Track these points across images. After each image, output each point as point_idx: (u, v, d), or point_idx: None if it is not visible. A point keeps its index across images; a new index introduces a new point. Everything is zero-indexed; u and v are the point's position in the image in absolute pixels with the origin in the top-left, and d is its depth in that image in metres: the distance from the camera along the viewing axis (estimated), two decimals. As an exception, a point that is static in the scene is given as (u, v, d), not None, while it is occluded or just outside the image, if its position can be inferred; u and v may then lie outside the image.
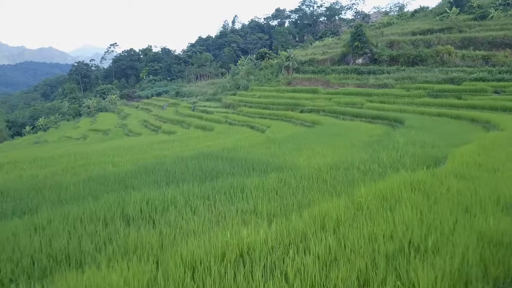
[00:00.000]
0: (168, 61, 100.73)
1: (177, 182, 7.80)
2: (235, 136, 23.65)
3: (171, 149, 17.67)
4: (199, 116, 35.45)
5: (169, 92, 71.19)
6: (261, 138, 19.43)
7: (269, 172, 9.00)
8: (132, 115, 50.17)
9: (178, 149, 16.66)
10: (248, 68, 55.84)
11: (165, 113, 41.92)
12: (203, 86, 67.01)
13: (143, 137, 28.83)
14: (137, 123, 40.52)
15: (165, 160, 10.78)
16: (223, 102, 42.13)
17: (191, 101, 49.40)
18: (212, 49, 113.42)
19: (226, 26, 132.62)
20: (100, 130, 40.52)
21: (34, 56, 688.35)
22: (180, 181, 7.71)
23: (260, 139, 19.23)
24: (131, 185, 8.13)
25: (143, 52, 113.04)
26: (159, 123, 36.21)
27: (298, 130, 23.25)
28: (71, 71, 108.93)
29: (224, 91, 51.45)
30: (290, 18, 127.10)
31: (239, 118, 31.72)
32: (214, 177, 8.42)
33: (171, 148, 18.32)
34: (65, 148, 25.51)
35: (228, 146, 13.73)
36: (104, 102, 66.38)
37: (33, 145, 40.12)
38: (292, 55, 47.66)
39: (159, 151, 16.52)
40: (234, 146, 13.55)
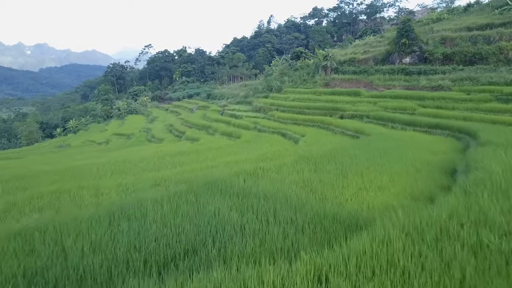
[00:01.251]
0: (202, 62, 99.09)
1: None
2: (262, 146, 20.24)
3: (181, 165, 14.58)
4: (226, 121, 32.36)
5: (200, 94, 68.99)
6: (292, 153, 15.86)
7: (299, 226, 5.61)
8: (160, 118, 48.06)
9: (188, 166, 13.48)
10: (282, 68, 52.28)
11: (193, 117, 39.25)
12: (235, 88, 64.12)
13: (163, 145, 26.09)
14: (162, 127, 38.10)
15: (149, 196, 7.49)
16: (254, 105, 38.86)
17: (221, 104, 46.55)
18: (246, 50, 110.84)
19: (261, 26, 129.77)
20: (124, 135, 38.46)
21: (79, 59, 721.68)
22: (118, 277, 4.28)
23: (292, 154, 15.67)
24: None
25: (177, 53, 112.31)
26: (184, 128, 33.49)
27: (338, 141, 19.46)
28: (106, 73, 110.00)
29: (256, 93, 48.20)
30: (328, 17, 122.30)
31: (269, 124, 28.26)
32: (195, 252, 4.93)
33: (182, 163, 15.24)
34: (76, 156, 23.19)
35: (248, 168, 10.31)
36: (134, 104, 65.09)
37: (56, 149, 38.71)
38: (331, 54, 43.62)
39: (164, 170, 13.43)
40: (255, 170, 10.11)
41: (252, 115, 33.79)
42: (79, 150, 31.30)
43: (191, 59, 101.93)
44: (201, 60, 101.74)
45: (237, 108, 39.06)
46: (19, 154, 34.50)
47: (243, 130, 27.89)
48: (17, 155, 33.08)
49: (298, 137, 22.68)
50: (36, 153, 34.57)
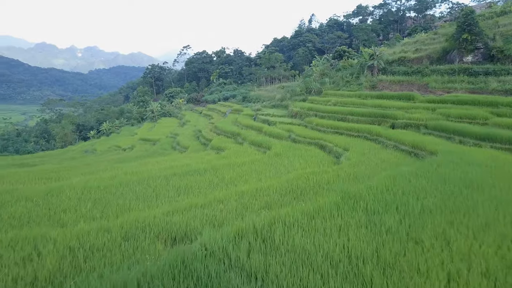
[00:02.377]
0: (240, 64, 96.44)
1: None
2: (295, 163, 16.51)
3: (183, 193, 11.32)
4: (258, 127, 28.81)
5: (236, 96, 66.05)
6: (332, 177, 12.02)
7: None
8: (191, 122, 45.46)
9: (187, 200, 10.04)
10: (323, 69, 48.00)
11: (223, 122, 36.09)
12: (272, 90, 60.55)
13: (183, 156, 22.99)
14: (191, 133, 35.25)
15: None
16: (290, 110, 35.01)
17: (255, 108, 43.12)
18: (286, 50, 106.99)
19: (302, 25, 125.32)
20: (150, 140, 36.04)
21: (126, 61, 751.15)
22: None
23: (332, 179, 11.85)
24: None
25: (216, 54, 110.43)
26: (211, 135, 30.35)
27: (392, 160, 15.27)
28: (145, 74, 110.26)
29: (293, 96, 44.32)
30: (373, 14, 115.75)
31: (306, 132, 24.37)
32: None
33: (187, 189, 12.00)
34: (82, 169, 20.59)
35: (261, 221, 6.66)
36: (168, 106, 63.26)
37: (81, 154, 37.06)
38: (378, 52, 38.88)
39: (162, 200, 10.23)
40: (271, 223, 6.44)
41: (287, 121, 29.99)
42: (98, 158, 29.05)
43: (229, 60, 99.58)
44: (239, 61, 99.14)
45: (271, 113, 35.41)
46: (40, 159, 32.97)
47: (275, 139, 24.23)
48: (36, 160, 31.50)
49: (339, 151, 18.68)
50: (57, 159, 32.87)
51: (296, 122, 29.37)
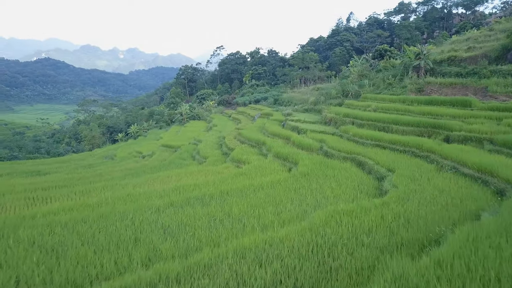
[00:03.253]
0: (273, 64, 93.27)
1: None
2: (325, 190, 13.21)
3: (179, 232, 8.46)
4: (286, 136, 25.49)
5: (268, 99, 62.95)
6: (375, 226, 8.66)
7: None
8: (218, 127, 42.82)
9: (170, 264, 6.99)
10: (362, 69, 43.84)
11: (249, 129, 33.06)
12: (305, 93, 56.93)
13: (200, 169, 20.10)
14: (214, 140, 32.51)
15: None
16: (323, 115, 31.36)
17: (285, 112, 39.75)
18: (322, 50, 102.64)
19: (339, 24, 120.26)
20: (171, 147, 33.65)
21: (165, 62, 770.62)
22: None
23: (374, 229, 8.49)
24: None
25: (250, 55, 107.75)
26: (235, 143, 27.38)
27: (454, 192, 11.51)
28: (178, 75, 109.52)
29: (328, 99, 40.61)
30: (416, 12, 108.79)
31: (341, 144, 20.81)
32: None
33: (185, 224, 9.21)
34: (94, 181, 18.38)
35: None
36: (197, 109, 61.16)
37: (100, 160, 35.36)
38: (425, 51, 34.44)
39: (139, 250, 7.39)
40: None
41: (319, 130, 26.45)
42: (112, 167, 26.84)
43: (263, 61, 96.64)
44: (273, 61, 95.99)
45: (302, 119, 31.91)
46: (57, 166, 31.43)
47: (304, 152, 20.91)
48: (52, 167, 29.93)
49: (382, 172, 15.12)
50: (74, 165, 31.19)
51: (330, 131, 25.78)
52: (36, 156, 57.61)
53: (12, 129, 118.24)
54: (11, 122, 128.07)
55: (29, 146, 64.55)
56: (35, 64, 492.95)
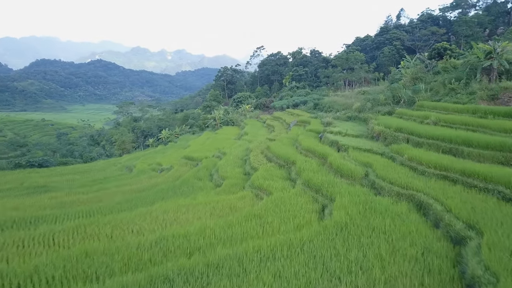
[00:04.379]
0: (315, 65, 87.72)
1: None
2: (370, 255, 8.53)
3: None
4: (322, 154, 20.62)
5: (307, 103, 57.85)
6: None
7: None
8: (248, 136, 38.60)
9: None
10: (416, 71, 37.68)
11: (280, 141, 28.40)
12: (349, 96, 51.32)
13: (207, 200, 15.90)
14: (239, 153, 28.18)
15: None
16: (370, 127, 25.97)
17: (325, 120, 34.61)
18: (369, 50, 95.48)
19: (388, 22, 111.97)
20: (193, 160, 29.80)
21: (211, 63, 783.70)
22: None
23: None
24: None
25: (292, 55, 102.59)
26: (260, 161, 22.93)
27: None
28: (217, 77, 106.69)
29: (375, 105, 35.04)
30: (476, 7, 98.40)
31: (393, 172, 15.62)
32: None
33: None
34: (75, 218, 14.87)
35: None
36: (231, 114, 57.32)
37: (119, 172, 32.35)
38: (499, 48, 28.05)
39: None
40: None
41: (364, 147, 21.24)
42: (118, 186, 23.37)
43: (304, 61, 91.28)
44: (315, 62, 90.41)
45: (343, 131, 26.70)
46: (69, 177, 28.65)
47: (344, 180, 16.06)
48: (64, 180, 27.16)
49: (459, 230, 10.00)
50: (88, 178, 28.25)
51: (378, 149, 20.56)
52: (68, 160, 56.63)
53: (58, 129, 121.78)
54: (57, 123, 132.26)
55: (63, 150, 64.37)
56: (88, 65, 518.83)
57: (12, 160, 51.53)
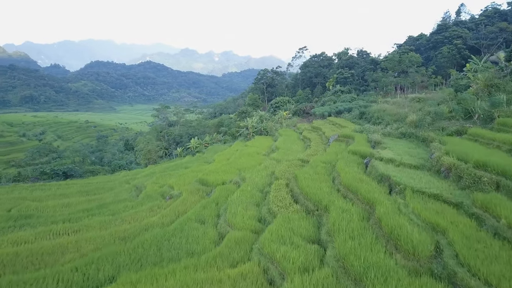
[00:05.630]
0: (363, 67, 79.95)
1: None
2: None
3: None
4: (367, 199, 14.51)
5: (352, 110, 51.00)
6: None
7: None
8: (280, 151, 32.78)
9: None
10: (490, 77, 30.04)
11: (312, 167, 22.31)
12: (402, 104, 44.01)
13: (196, 278, 10.68)
14: (260, 181, 22.38)
15: None
16: (435, 158, 19.07)
17: (372, 137, 28.00)
18: (424, 50, 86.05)
19: (446, 18, 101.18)
20: (207, 185, 24.54)
21: (257, 64, 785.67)
22: None
23: None
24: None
25: (337, 56, 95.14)
26: (282, 201, 17.16)
27: None
28: (256, 80, 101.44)
29: (437, 119, 27.99)
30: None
31: (485, 254, 9.41)
32: None
33: None
34: None
35: None
36: (265, 122, 51.75)
37: (129, 193, 27.92)
38: None
39: None
40: None
41: (429, 190, 14.71)
42: (108, 222, 18.65)
43: (351, 63, 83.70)
44: (362, 63, 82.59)
45: (397, 158, 20.16)
46: (64, 202, 24.53)
47: (401, 259, 10.04)
48: (52, 205, 23.13)
49: None
50: (81, 206, 23.99)
51: (452, 196, 14.05)
52: (95, 168, 54.08)
53: (100, 131, 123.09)
54: (100, 125, 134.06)
55: (93, 156, 62.44)
56: (138, 67, 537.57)
57: (37, 168, 49.71)
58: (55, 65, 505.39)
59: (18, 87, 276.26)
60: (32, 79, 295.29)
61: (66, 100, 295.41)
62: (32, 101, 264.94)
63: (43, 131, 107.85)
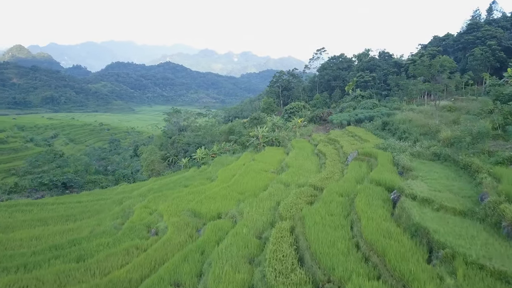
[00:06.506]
0: (385, 70, 74.62)
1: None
2: None
3: None
4: (401, 275, 10.32)
5: (374, 119, 46.16)
6: None
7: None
8: (289, 172, 28.45)
9: None
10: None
11: (326, 202, 17.99)
12: (431, 113, 39.10)
13: None
14: (259, 219, 18.01)
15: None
16: (486, 198, 14.48)
17: (399, 160, 23.36)
18: (451, 51, 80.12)
19: (476, 17, 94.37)
20: (200, 216, 20.52)
21: (276, 65, 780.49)
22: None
23: None
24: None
25: (357, 58, 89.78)
26: (283, 261, 12.93)
27: None
28: (271, 83, 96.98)
29: (478, 139, 23.13)
30: None
31: None
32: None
33: None
34: None
35: None
36: (276, 132, 47.44)
37: (110, 222, 24.16)
38: None
39: None
40: None
41: (491, 265, 10.34)
42: (68, 273, 14.95)
43: (372, 65, 78.37)
44: (384, 66, 77.21)
45: (436, 197, 15.48)
46: (33, 234, 21.00)
47: None
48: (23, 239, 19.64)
49: None
50: (52, 240, 20.36)
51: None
52: (97, 178, 51.02)
53: (113, 134, 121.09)
54: (114, 127, 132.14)
55: (97, 165, 59.62)
56: (158, 68, 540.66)
57: (36, 178, 46.93)
58: (77, 66, 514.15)
59: (39, 88, 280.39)
60: (53, 80, 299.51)
61: (85, 101, 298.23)
62: (52, 102, 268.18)
63: (56, 134, 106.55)
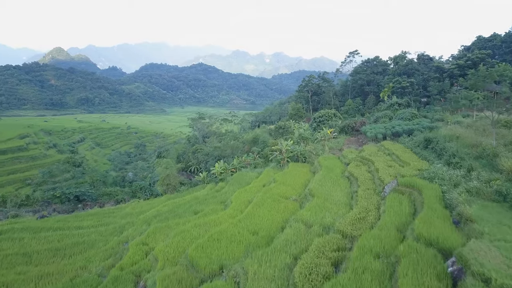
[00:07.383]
0: (425, 74, 68.17)
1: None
2: None
3: None
4: None
5: (413, 133, 40.67)
6: None
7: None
8: (313, 203, 24.02)
9: None
10: None
11: (357, 258, 13.74)
12: (482, 130, 33.44)
13: None
14: (267, 287, 14.15)
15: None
16: None
17: (453, 200, 18.36)
18: (498, 54, 72.61)
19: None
20: (198, 270, 16.67)
21: (308, 66, 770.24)
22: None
23: None
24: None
25: (393, 60, 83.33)
26: None
27: None
28: (300, 87, 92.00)
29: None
30: None
31: None
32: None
33: None
34: None
35: None
36: (302, 146, 42.90)
37: (104, 256, 20.71)
38: None
39: None
40: None
41: None
42: None
43: (410, 69, 72.03)
44: (424, 70, 70.70)
45: (507, 269, 11.07)
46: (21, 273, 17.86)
47: None
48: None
49: None
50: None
51: None
52: (112, 191, 48.50)
53: (141, 137, 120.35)
54: (142, 131, 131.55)
55: (115, 175, 57.39)
56: (190, 69, 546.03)
57: (49, 190, 44.97)
58: (112, 68, 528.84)
59: (75, 89, 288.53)
60: (89, 82, 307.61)
61: (119, 102, 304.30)
62: (87, 103, 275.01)
63: (82, 138, 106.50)
